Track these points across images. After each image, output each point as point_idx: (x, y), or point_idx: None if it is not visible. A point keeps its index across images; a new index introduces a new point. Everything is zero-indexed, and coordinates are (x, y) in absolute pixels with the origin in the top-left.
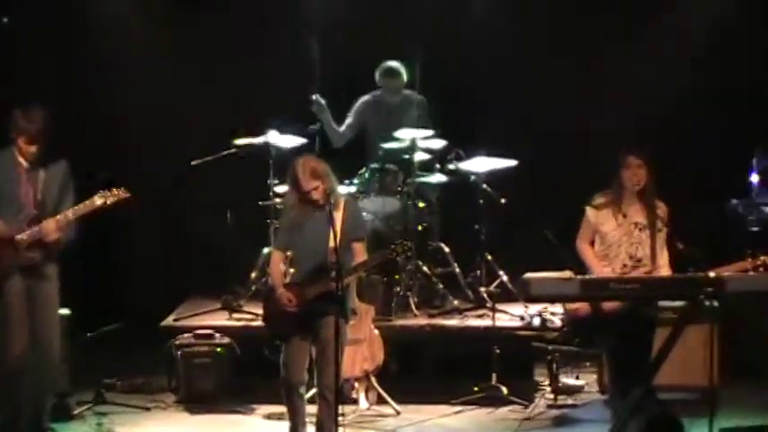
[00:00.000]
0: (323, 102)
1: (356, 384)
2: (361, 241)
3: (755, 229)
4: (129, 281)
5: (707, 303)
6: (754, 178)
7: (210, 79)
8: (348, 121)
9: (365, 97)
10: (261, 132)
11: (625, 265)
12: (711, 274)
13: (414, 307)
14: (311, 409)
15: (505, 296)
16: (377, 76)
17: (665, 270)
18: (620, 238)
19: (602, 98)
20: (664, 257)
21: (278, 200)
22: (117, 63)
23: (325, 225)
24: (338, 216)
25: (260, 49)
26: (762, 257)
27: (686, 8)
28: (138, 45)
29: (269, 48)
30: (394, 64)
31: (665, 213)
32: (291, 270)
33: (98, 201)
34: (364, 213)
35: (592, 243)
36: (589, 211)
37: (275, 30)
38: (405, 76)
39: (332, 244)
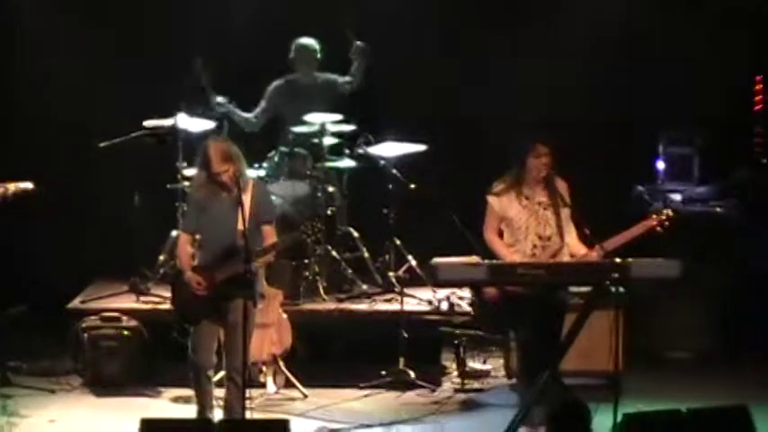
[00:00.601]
0: (222, 101)
1: (264, 368)
2: (270, 224)
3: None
4: (34, 263)
5: (612, 289)
6: (660, 165)
7: (119, 60)
8: (261, 106)
9: (278, 81)
10: (169, 115)
11: (535, 246)
12: (617, 259)
13: (322, 291)
14: (219, 392)
15: (414, 281)
16: (291, 52)
17: (574, 247)
18: (527, 220)
19: (508, 83)
20: (572, 234)
21: (186, 183)
22: (20, 45)
23: (233, 207)
24: (246, 199)
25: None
26: (664, 212)
27: None
28: (40, 27)
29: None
30: (309, 40)
31: (566, 189)
32: (198, 252)
33: None
34: (273, 197)
35: (499, 232)
36: (491, 199)
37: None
38: (319, 54)
39: (240, 227)
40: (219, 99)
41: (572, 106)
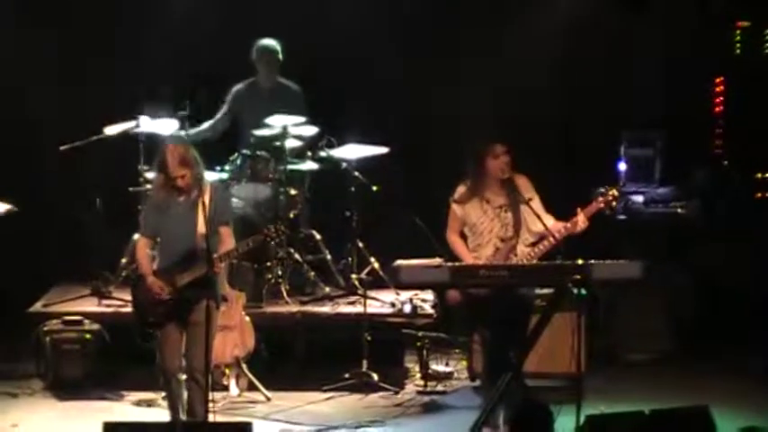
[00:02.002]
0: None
1: (227, 371)
2: (228, 225)
3: (622, 217)
4: None
5: (574, 291)
6: (622, 167)
7: (78, 56)
8: (223, 110)
9: (239, 85)
10: (132, 118)
11: (497, 249)
12: (579, 261)
13: (285, 294)
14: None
15: (377, 283)
16: (253, 54)
17: (555, 225)
18: (489, 224)
19: (469, 85)
20: (550, 219)
21: (148, 186)
22: None
23: (192, 210)
24: (204, 201)
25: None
26: (611, 192)
27: None
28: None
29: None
30: (270, 41)
31: (526, 183)
32: (157, 256)
33: None
34: (235, 200)
35: (461, 234)
36: (454, 206)
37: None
38: (280, 55)
39: (201, 230)
40: (192, 131)
41: (533, 107)
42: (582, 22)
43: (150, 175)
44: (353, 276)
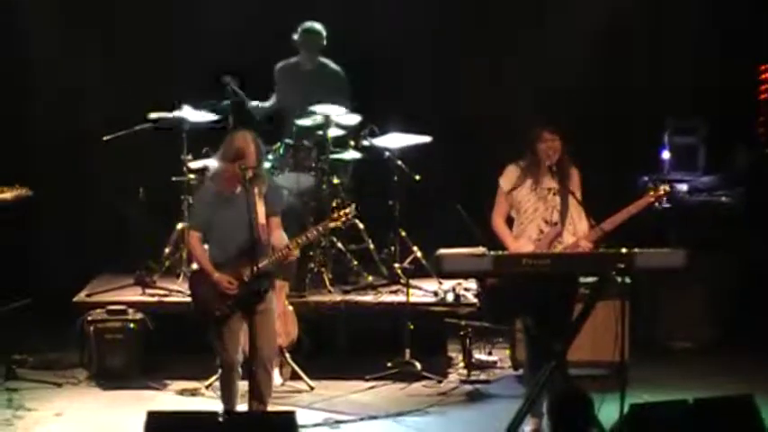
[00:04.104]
0: (235, 86)
1: None
2: (278, 216)
3: (666, 205)
4: (40, 256)
5: (618, 279)
6: (666, 155)
7: (121, 51)
8: (276, 89)
9: (281, 64)
10: (174, 107)
11: (541, 231)
12: (623, 249)
13: (328, 283)
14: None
15: (419, 272)
16: (296, 35)
17: (582, 232)
18: (535, 204)
19: (514, 74)
20: (582, 223)
21: (192, 176)
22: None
23: (255, 201)
24: (263, 191)
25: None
26: (662, 187)
27: None
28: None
29: (180, 22)
30: (315, 23)
31: (576, 177)
32: (212, 249)
33: None
34: None
35: (508, 219)
36: (502, 182)
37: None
38: (324, 38)
39: (262, 220)
40: (253, 104)
41: (578, 100)
42: (628, 11)
43: (193, 164)
44: (396, 265)
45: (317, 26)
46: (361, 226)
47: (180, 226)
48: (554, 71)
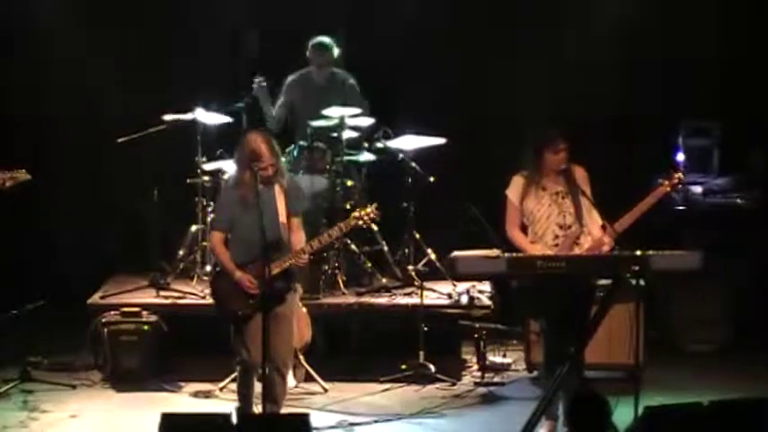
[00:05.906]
0: (265, 85)
1: None
2: (299, 216)
3: (681, 207)
4: (54, 258)
5: (632, 282)
6: (680, 157)
7: (135, 54)
8: (279, 101)
9: (292, 76)
10: (188, 109)
11: (557, 236)
12: (637, 252)
13: (341, 285)
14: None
15: (433, 274)
16: (308, 51)
17: (596, 233)
18: (548, 211)
19: (527, 74)
20: (594, 222)
21: (206, 177)
22: (35, 36)
23: (276, 201)
24: (285, 191)
25: (188, 24)
26: (676, 176)
27: None
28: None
29: (196, 24)
30: (324, 39)
31: (584, 176)
32: (233, 249)
33: None
34: None
35: (522, 228)
36: (510, 195)
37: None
38: (335, 52)
39: (283, 219)
40: (258, 79)
41: (592, 101)
42: (639, 15)
43: (207, 166)
44: (410, 267)
45: (326, 40)
46: (375, 228)
47: (194, 228)
48: (569, 73)
